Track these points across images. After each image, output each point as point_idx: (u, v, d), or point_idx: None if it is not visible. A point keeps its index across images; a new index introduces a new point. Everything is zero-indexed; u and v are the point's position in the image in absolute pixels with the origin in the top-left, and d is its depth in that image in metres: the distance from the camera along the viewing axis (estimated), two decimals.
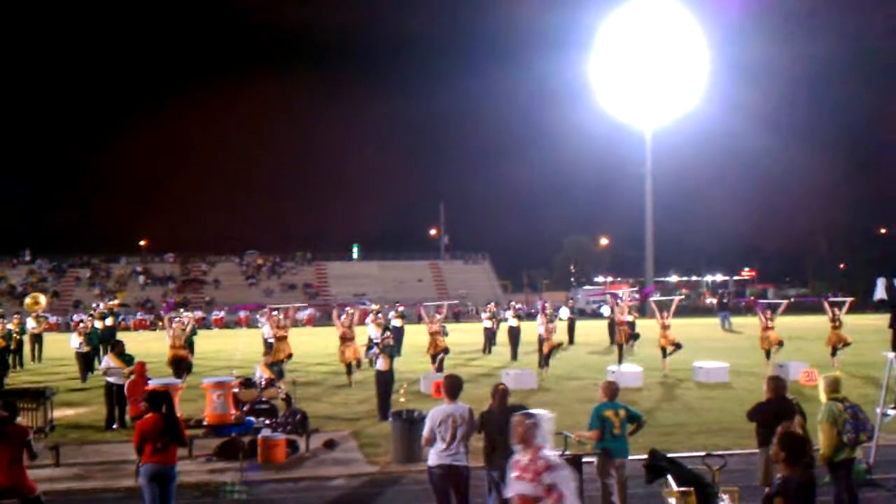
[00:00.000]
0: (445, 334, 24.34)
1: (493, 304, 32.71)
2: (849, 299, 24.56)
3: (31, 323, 29.41)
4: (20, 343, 27.11)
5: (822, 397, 9.59)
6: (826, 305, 24.60)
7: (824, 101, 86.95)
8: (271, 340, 23.96)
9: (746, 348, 27.07)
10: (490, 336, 30.03)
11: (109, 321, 27.98)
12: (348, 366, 21.71)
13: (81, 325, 25.19)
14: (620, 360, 23.82)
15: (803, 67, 79.06)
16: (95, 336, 24.92)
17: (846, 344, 23.27)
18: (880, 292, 17.50)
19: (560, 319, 29.21)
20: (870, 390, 16.54)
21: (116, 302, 30.92)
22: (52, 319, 52.90)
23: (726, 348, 29.23)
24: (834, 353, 23.34)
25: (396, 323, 29.73)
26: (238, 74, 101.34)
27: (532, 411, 6.34)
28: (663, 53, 53.16)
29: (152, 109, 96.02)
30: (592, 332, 36.06)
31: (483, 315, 30.86)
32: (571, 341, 31.99)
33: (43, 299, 33.63)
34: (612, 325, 31.42)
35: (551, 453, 6.07)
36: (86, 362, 23.39)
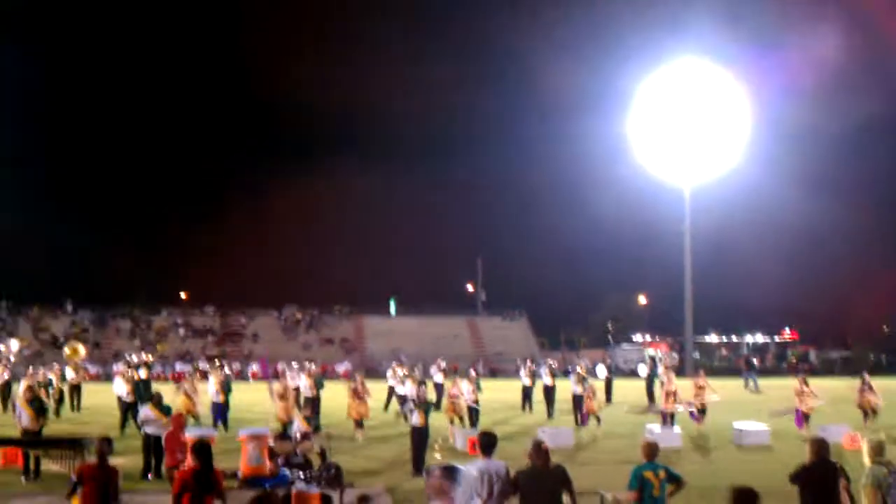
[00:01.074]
0: (479, 390, 24.42)
1: (530, 361, 32.54)
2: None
3: (69, 372, 29.74)
4: (61, 392, 27.43)
5: (867, 461, 9.40)
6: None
7: (867, 162, 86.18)
8: (308, 395, 24.23)
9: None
10: (528, 393, 29.66)
11: (144, 373, 28.28)
12: (358, 421, 22.06)
13: (129, 372, 25.56)
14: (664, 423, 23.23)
15: (846, 129, 78.53)
16: (140, 386, 25.24)
17: (874, 410, 23.60)
18: None
19: (597, 378, 28.90)
20: None
21: (150, 357, 31.24)
22: (92, 370, 53.44)
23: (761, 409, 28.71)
24: (866, 417, 23.48)
25: (439, 378, 29.71)
26: (282, 157, 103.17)
27: (452, 466, 6.45)
28: (704, 113, 53.26)
29: (187, 160, 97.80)
30: (630, 390, 35.64)
31: (521, 372, 30.43)
32: (609, 400, 31.64)
33: (82, 349, 34.06)
34: (651, 385, 31.14)
35: None
36: (128, 411, 23.61)
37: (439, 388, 29.23)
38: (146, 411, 16.45)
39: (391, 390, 29.11)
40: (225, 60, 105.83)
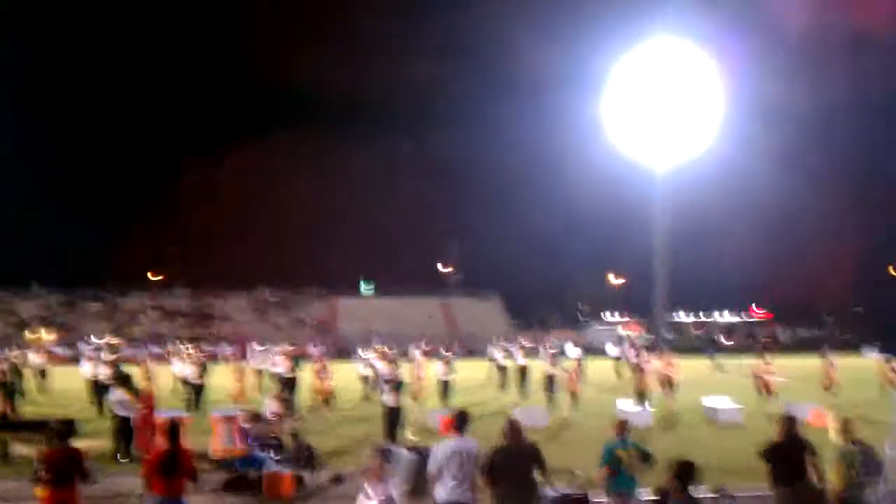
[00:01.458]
0: (453, 370, 24.66)
1: (501, 339, 32.86)
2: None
3: (34, 357, 29.34)
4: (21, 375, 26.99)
5: (836, 438, 9.50)
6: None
7: (840, 141, 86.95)
8: (287, 376, 24.26)
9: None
10: (505, 372, 30.15)
11: (112, 357, 28.17)
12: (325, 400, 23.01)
13: (100, 355, 25.56)
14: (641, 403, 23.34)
15: (819, 108, 79.15)
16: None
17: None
18: (876, 355, 17.46)
19: (568, 358, 28.99)
20: (879, 430, 16.36)
21: (117, 340, 31.08)
22: (61, 352, 52.98)
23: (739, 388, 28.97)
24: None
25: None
26: (252, 125, 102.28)
27: (388, 447, 6.56)
28: (677, 93, 53.31)
29: (162, 142, 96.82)
30: (603, 369, 35.84)
31: (496, 352, 30.59)
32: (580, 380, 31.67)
33: (45, 333, 33.62)
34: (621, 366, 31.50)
35: (396, 490, 6.46)
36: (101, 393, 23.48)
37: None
38: (117, 393, 16.31)
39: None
40: (220, 46, 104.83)
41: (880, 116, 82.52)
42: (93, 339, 32.58)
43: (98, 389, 23.60)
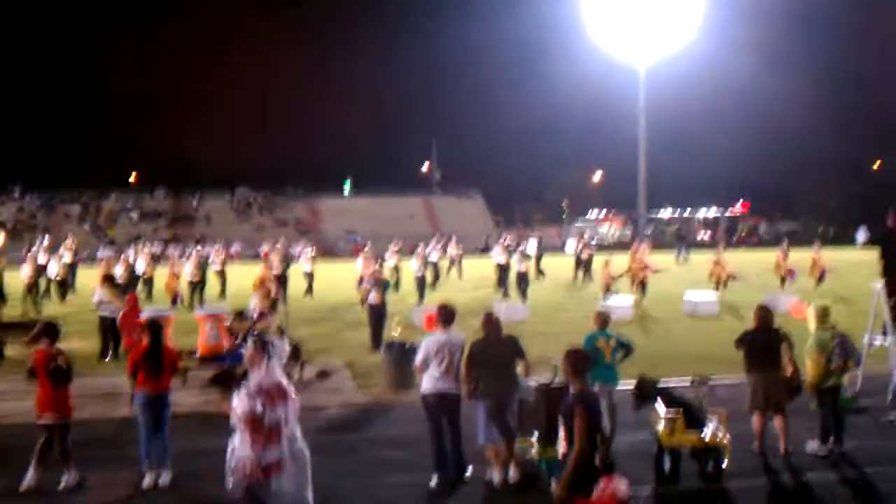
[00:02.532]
0: (427, 266, 25.16)
1: (505, 238, 32.69)
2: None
3: None
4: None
5: (812, 326, 9.69)
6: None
7: (818, 36, 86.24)
8: (276, 272, 24.59)
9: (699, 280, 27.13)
10: (503, 273, 27.94)
11: (69, 257, 28.42)
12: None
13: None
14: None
15: (798, 2, 78.07)
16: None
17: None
18: (863, 236, 17.59)
19: (527, 255, 28.86)
20: (859, 319, 16.70)
21: (72, 241, 30.85)
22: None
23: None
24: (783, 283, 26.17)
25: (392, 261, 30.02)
26: (228, 6, 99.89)
27: (264, 336, 6.76)
28: None
29: (140, 40, 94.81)
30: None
31: (495, 250, 29.35)
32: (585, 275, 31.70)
33: (1, 236, 32.98)
34: (579, 263, 31.63)
35: (280, 375, 6.63)
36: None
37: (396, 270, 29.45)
38: (100, 294, 16.34)
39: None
40: None
41: (863, 8, 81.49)
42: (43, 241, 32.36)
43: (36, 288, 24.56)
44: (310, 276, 27.12)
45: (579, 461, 5.84)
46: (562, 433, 6.09)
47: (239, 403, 6.41)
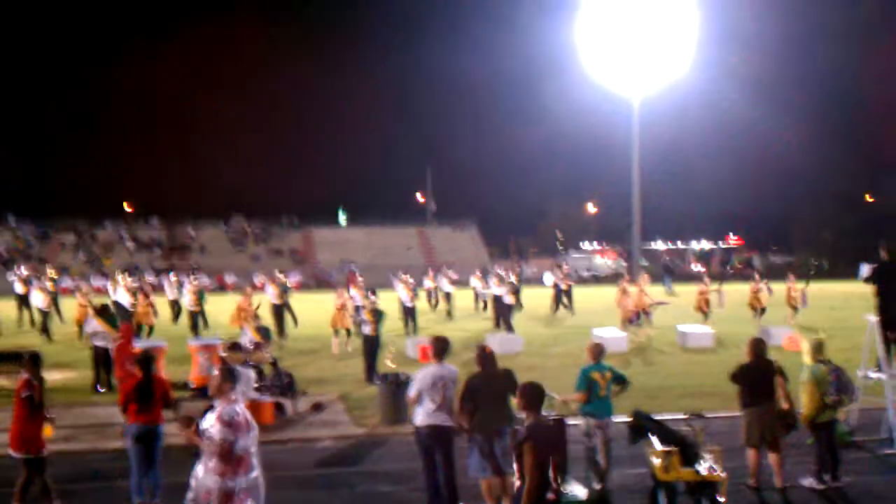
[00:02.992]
0: (416, 297, 25.35)
1: (504, 270, 32.70)
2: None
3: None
4: None
5: (807, 359, 9.68)
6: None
7: (812, 68, 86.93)
8: (276, 302, 24.87)
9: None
10: (505, 309, 26.38)
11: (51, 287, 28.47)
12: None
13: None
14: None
15: (792, 35, 78.88)
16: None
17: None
18: (866, 271, 17.78)
19: (545, 286, 29.16)
20: (854, 354, 16.71)
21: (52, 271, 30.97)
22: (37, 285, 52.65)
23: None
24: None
25: (448, 287, 31.11)
26: (222, 35, 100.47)
27: (232, 367, 6.84)
28: (652, 19, 52.75)
29: (134, 71, 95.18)
30: (577, 298, 36.12)
31: (491, 283, 28.16)
32: (558, 308, 31.84)
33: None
34: (559, 295, 31.66)
35: (241, 406, 6.57)
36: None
37: (448, 296, 31.10)
38: (94, 324, 16.29)
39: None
40: None
41: (856, 41, 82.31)
42: (21, 270, 32.34)
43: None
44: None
45: (531, 495, 5.85)
46: (515, 467, 6.12)
47: (215, 432, 6.38)
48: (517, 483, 6.09)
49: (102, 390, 15.59)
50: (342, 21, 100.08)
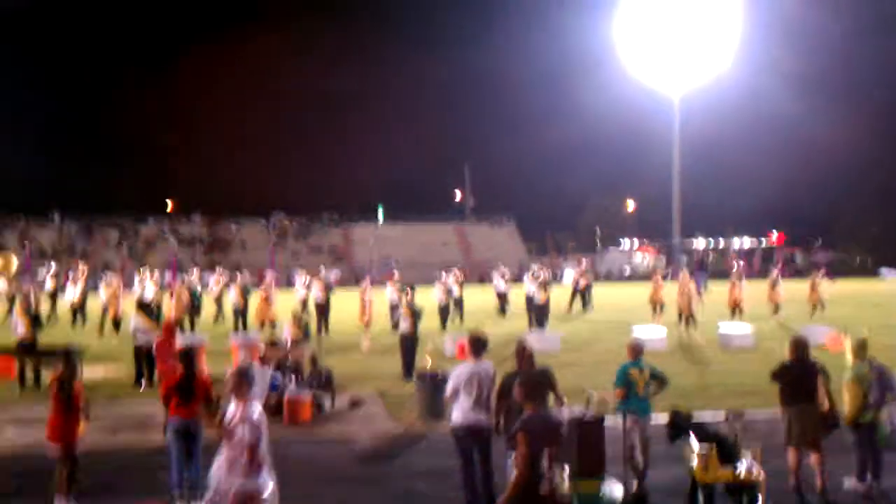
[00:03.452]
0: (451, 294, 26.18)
1: (538, 267, 31.96)
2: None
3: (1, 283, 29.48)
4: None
5: (849, 358, 9.55)
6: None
7: (856, 61, 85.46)
8: (320, 301, 25.32)
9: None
10: (536, 308, 26.33)
11: (51, 284, 29.07)
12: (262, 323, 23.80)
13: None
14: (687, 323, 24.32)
15: (837, 27, 77.72)
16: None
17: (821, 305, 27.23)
18: (888, 276, 17.28)
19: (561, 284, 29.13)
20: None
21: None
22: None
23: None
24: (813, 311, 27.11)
25: (501, 286, 30.30)
26: (263, 34, 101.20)
27: (247, 367, 6.87)
28: (693, 13, 52.13)
29: (176, 69, 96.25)
30: (616, 296, 35.94)
31: (527, 280, 27.80)
32: (584, 305, 31.54)
33: (15, 259, 32.44)
34: (575, 292, 31.52)
35: (258, 406, 6.69)
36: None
37: (502, 296, 30.08)
38: (137, 321, 16.52)
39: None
40: None
41: None
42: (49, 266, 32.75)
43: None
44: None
45: (518, 486, 5.86)
46: (511, 458, 6.15)
47: (245, 432, 6.49)
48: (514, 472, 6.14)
49: (144, 385, 15.80)
50: (380, 19, 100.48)
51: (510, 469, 8.33)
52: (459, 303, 27.65)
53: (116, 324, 24.20)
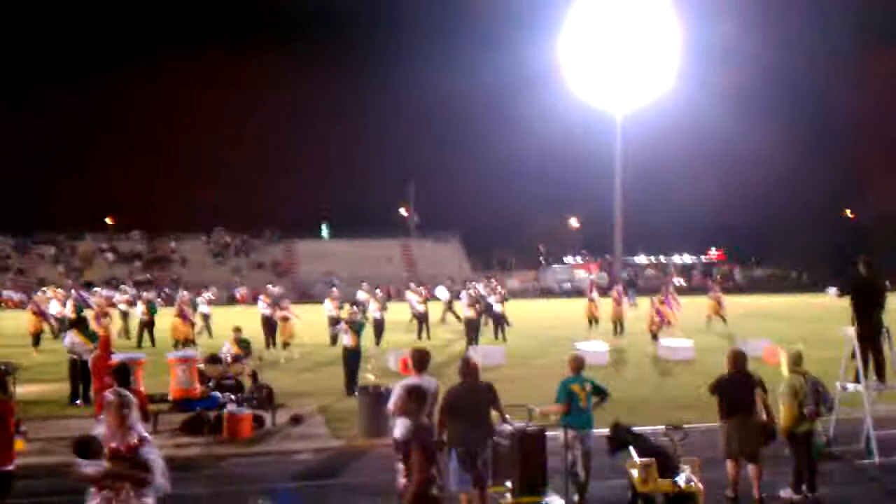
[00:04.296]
0: (385, 309, 26.10)
1: (474, 286, 29.45)
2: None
3: None
4: None
5: (784, 371, 9.71)
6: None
7: (794, 83, 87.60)
8: (268, 314, 25.28)
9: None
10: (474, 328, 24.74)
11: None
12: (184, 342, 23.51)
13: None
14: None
15: (774, 50, 79.57)
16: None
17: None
18: (835, 294, 17.89)
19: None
20: (832, 366, 16.78)
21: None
22: (17, 297, 52.45)
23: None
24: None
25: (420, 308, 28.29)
26: (205, 49, 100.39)
27: (122, 391, 6.53)
28: (634, 35, 52.86)
29: (117, 82, 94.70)
30: (561, 310, 36.22)
31: (463, 301, 25.92)
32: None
33: None
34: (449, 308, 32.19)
35: (142, 429, 6.31)
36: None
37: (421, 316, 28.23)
38: (71, 337, 16.16)
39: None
40: None
41: (838, 56, 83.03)
42: None
43: None
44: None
45: (419, 488, 6.00)
46: (401, 466, 6.25)
47: (155, 458, 6.23)
48: (403, 481, 6.21)
49: (79, 403, 15.45)
50: (324, 37, 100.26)
51: (453, 482, 8.32)
52: (423, 317, 27.76)
53: (36, 340, 24.65)
